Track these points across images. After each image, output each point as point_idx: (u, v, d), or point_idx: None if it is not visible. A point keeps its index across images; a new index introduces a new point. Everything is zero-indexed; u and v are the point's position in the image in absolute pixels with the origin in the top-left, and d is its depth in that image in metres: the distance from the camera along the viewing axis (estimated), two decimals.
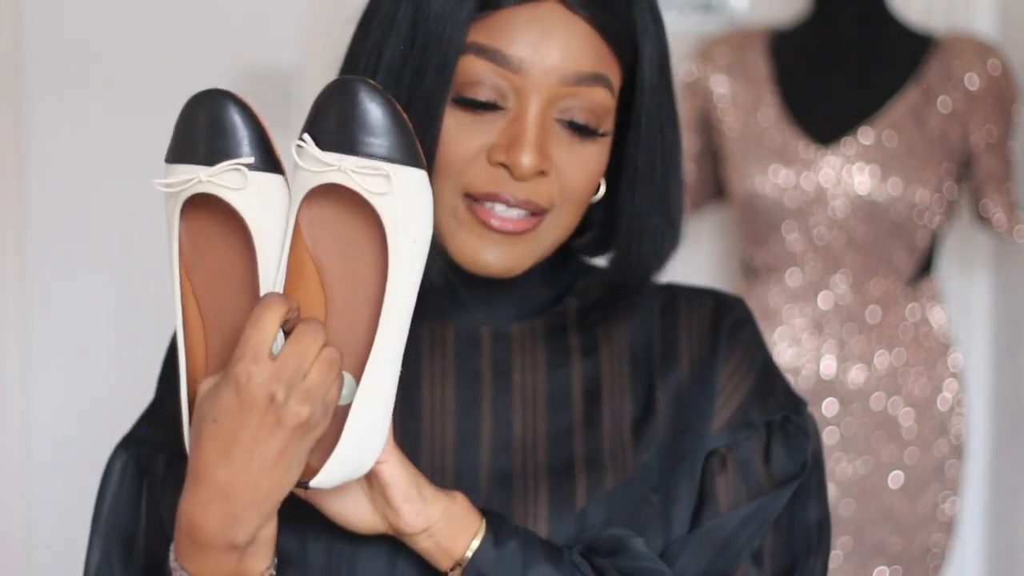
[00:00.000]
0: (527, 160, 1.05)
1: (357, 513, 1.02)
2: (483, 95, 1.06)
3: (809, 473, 1.15)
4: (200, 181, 0.96)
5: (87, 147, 2.78)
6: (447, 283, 1.12)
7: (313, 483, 0.95)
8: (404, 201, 0.96)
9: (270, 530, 0.97)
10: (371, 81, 0.97)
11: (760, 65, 2.51)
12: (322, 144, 0.95)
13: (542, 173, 1.07)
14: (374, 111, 0.95)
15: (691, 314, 1.18)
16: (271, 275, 0.97)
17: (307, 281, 0.98)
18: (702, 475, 1.13)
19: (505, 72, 1.06)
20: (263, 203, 0.97)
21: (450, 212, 1.08)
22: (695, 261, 2.93)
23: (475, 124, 1.07)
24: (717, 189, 2.61)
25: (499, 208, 1.08)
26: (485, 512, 1.05)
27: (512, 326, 1.16)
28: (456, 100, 1.07)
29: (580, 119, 1.08)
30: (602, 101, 1.08)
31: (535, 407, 1.14)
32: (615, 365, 1.16)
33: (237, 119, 0.97)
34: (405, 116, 0.97)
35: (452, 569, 1.03)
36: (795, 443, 1.15)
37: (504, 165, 1.07)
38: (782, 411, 1.16)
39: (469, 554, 1.03)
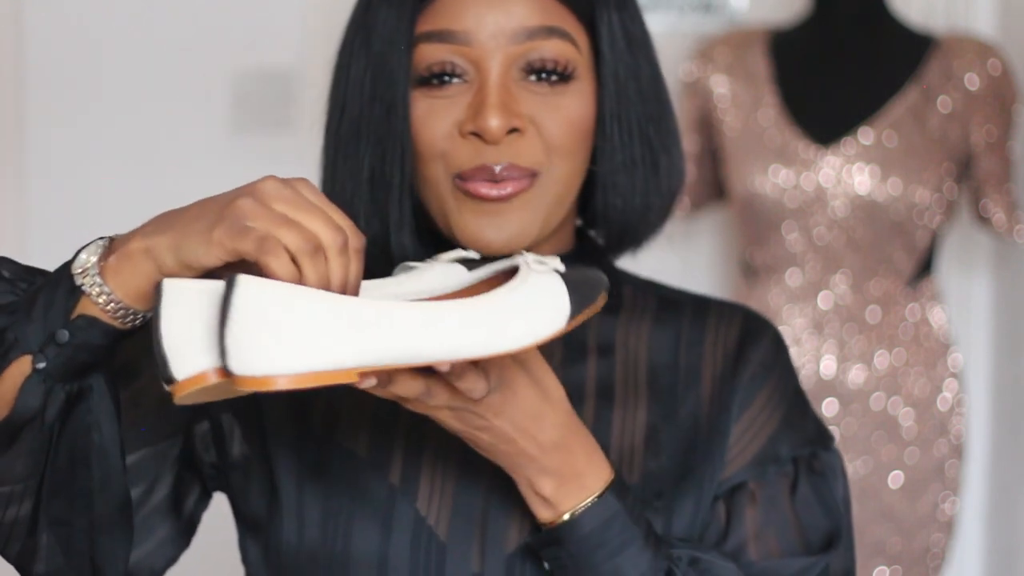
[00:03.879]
0: (494, 121, 1.06)
1: None
2: (439, 70, 1.08)
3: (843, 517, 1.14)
4: None
5: (87, 147, 2.78)
6: None
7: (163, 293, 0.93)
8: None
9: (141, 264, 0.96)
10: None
11: (760, 65, 2.51)
12: None
13: (515, 131, 1.08)
14: None
15: (719, 332, 1.18)
16: None
17: None
18: (728, 507, 1.12)
19: (456, 48, 1.08)
20: None
21: (449, 194, 1.10)
22: (695, 261, 2.93)
23: (445, 105, 1.09)
24: (717, 189, 2.61)
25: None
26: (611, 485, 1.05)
27: None
28: (419, 83, 1.09)
29: (541, 67, 1.09)
30: (562, 51, 1.09)
31: None
32: (630, 371, 1.15)
33: None
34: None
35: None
36: (823, 485, 1.14)
37: (475, 133, 1.08)
38: (811, 446, 1.15)
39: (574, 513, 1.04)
